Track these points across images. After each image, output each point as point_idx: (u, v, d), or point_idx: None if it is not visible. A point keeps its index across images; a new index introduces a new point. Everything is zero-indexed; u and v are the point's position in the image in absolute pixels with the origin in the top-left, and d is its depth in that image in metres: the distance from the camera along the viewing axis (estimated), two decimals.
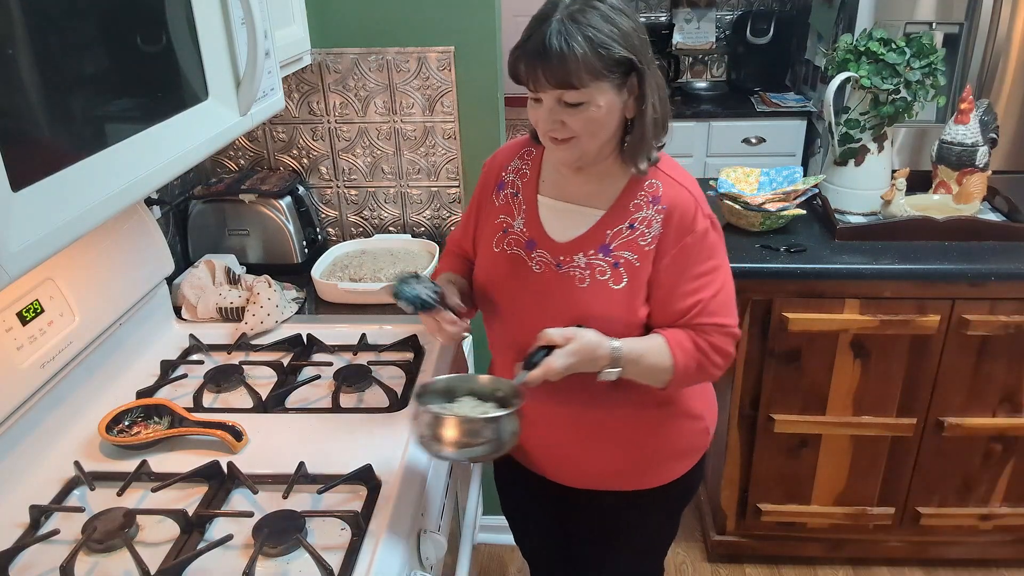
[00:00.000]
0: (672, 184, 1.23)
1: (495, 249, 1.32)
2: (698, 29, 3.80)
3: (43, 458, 1.25)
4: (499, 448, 1.13)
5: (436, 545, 1.21)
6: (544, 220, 1.28)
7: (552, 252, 1.26)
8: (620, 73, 1.11)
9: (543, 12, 1.11)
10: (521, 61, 1.11)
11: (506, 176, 1.35)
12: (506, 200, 1.33)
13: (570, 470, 1.39)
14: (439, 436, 1.11)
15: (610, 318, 1.22)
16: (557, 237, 1.26)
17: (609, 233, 1.23)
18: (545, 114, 1.14)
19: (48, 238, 0.82)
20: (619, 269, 1.22)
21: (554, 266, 1.25)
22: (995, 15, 2.66)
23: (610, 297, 1.22)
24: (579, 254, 1.24)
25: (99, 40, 0.93)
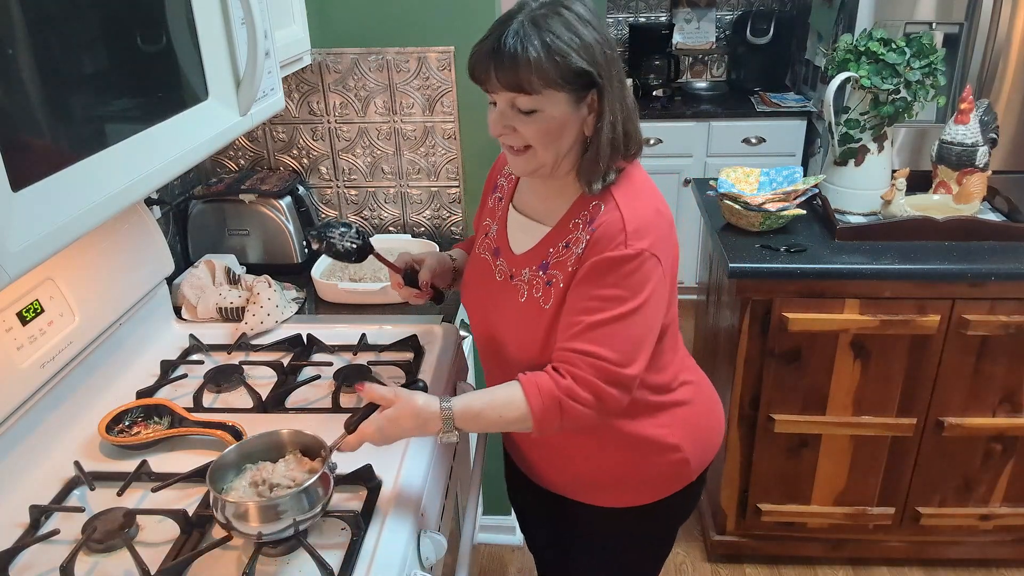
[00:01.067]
0: (613, 209, 1.14)
1: (476, 250, 1.35)
2: (698, 29, 3.80)
3: (43, 458, 1.25)
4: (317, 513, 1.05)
5: (436, 545, 1.21)
6: (510, 230, 1.29)
7: (509, 263, 1.26)
8: (578, 86, 1.07)
9: (508, 13, 1.09)
10: (476, 59, 1.09)
11: (500, 180, 1.35)
12: (493, 204, 1.35)
13: (550, 475, 1.39)
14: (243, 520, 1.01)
15: (534, 338, 1.20)
16: (516, 249, 1.26)
17: (551, 250, 1.20)
18: (496, 117, 1.11)
19: (48, 238, 0.82)
20: (550, 288, 1.18)
21: (508, 277, 1.25)
22: (995, 15, 2.66)
23: (538, 316, 1.19)
24: (526, 268, 1.22)
25: (99, 40, 0.93)
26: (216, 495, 1.01)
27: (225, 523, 1.01)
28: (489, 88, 1.10)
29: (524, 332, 1.22)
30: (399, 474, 1.23)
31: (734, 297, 1.96)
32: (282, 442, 1.14)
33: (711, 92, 3.79)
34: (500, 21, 1.08)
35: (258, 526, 1.00)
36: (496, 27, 1.08)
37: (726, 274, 1.91)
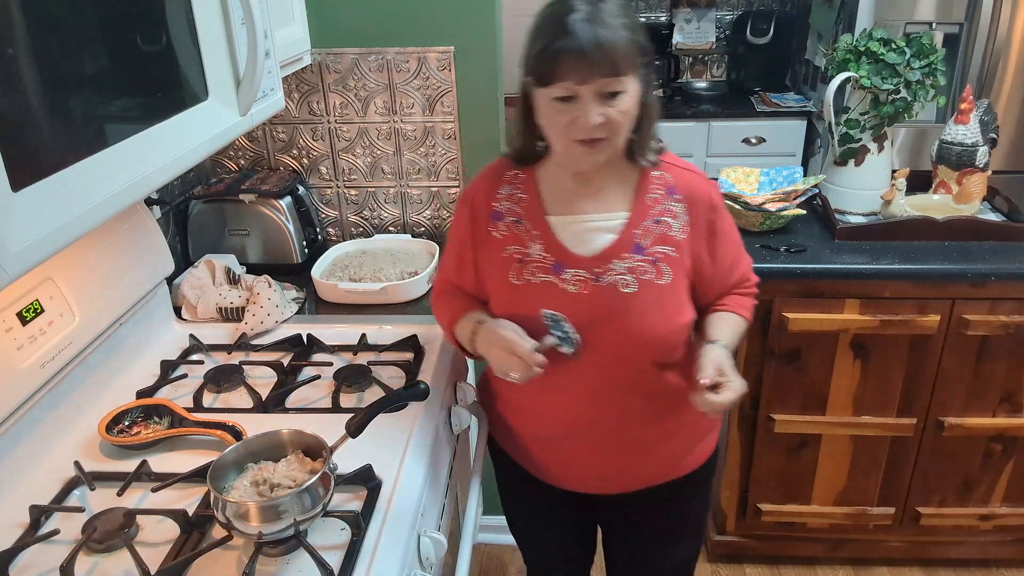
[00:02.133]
0: (678, 171, 1.25)
1: (515, 282, 1.26)
2: (698, 29, 3.80)
3: (43, 458, 1.25)
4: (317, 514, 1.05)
5: (436, 545, 1.21)
6: (564, 240, 1.24)
7: (587, 268, 1.23)
8: (642, 62, 1.12)
9: (562, 8, 1.08)
10: (563, 56, 1.07)
11: (498, 205, 1.28)
12: (509, 230, 1.27)
13: (610, 478, 1.38)
14: (244, 520, 1.01)
15: (664, 315, 1.23)
16: (585, 253, 1.23)
17: (637, 233, 1.22)
18: (590, 110, 1.10)
19: (48, 238, 0.82)
20: (659, 265, 1.22)
21: (593, 280, 1.22)
22: (995, 15, 2.66)
23: (660, 294, 1.22)
24: (614, 261, 1.22)
25: (99, 40, 0.93)
26: (216, 495, 1.01)
27: (226, 523, 1.01)
28: (582, 81, 1.08)
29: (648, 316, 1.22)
30: (399, 474, 1.23)
31: None
32: (283, 442, 1.14)
33: (711, 92, 3.79)
34: (560, 14, 1.08)
35: (258, 526, 1.00)
36: (564, 23, 1.07)
37: None
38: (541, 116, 1.16)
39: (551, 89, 1.10)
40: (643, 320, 1.22)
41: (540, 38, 1.10)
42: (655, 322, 1.22)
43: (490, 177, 1.32)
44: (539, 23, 1.12)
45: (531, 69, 1.13)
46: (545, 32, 1.10)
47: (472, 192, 1.32)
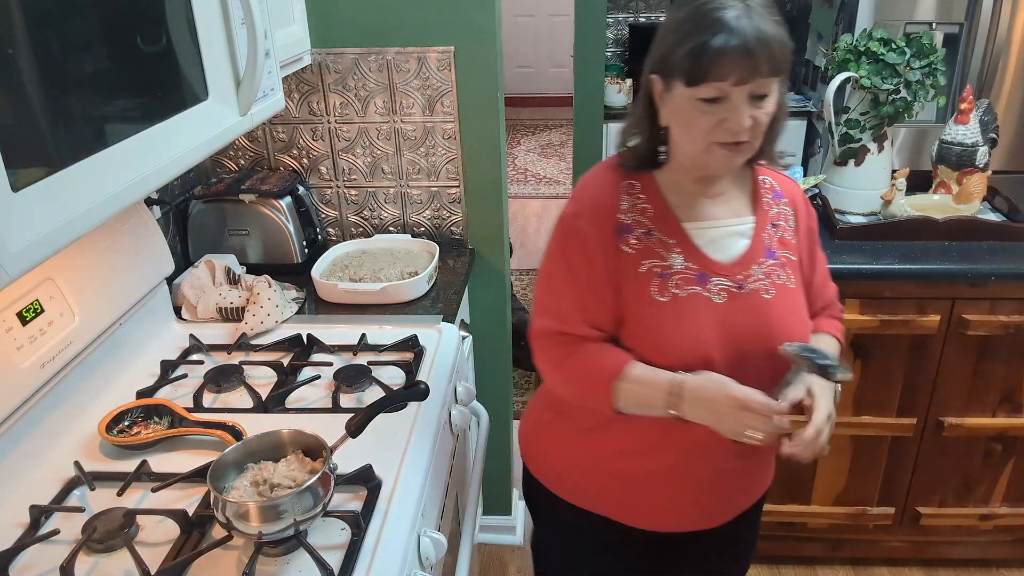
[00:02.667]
0: (774, 174, 1.26)
1: (660, 298, 1.14)
2: None
3: (43, 458, 1.25)
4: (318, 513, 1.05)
5: (436, 545, 1.21)
6: (703, 248, 1.17)
7: (729, 275, 1.17)
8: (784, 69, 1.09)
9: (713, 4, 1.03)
10: (727, 54, 1.01)
11: (624, 218, 1.16)
12: (640, 243, 1.16)
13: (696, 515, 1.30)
14: (244, 520, 1.01)
15: (800, 321, 1.21)
16: (722, 258, 1.18)
17: (765, 237, 1.21)
18: (742, 112, 1.05)
19: (48, 238, 0.82)
20: (787, 269, 1.21)
21: (736, 288, 1.16)
22: (995, 15, 2.66)
23: (794, 299, 1.21)
24: (753, 266, 1.18)
25: (99, 40, 0.93)
26: (216, 495, 1.01)
27: (226, 523, 1.01)
28: (739, 81, 1.03)
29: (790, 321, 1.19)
30: (399, 474, 1.23)
31: None
32: (283, 442, 1.14)
33: None
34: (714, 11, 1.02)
35: (258, 526, 1.00)
36: (722, 20, 1.01)
37: None
38: (677, 117, 1.10)
39: (700, 89, 1.04)
40: (785, 327, 1.17)
41: (692, 36, 1.03)
42: (795, 329, 1.19)
43: (605, 188, 1.18)
44: (686, 20, 1.05)
45: (678, 68, 1.05)
46: (698, 29, 1.02)
47: (587, 208, 1.18)
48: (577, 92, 3.31)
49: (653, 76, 1.12)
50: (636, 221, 1.16)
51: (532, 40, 6.91)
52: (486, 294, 2.10)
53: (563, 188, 5.41)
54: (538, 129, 6.72)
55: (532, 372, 3.28)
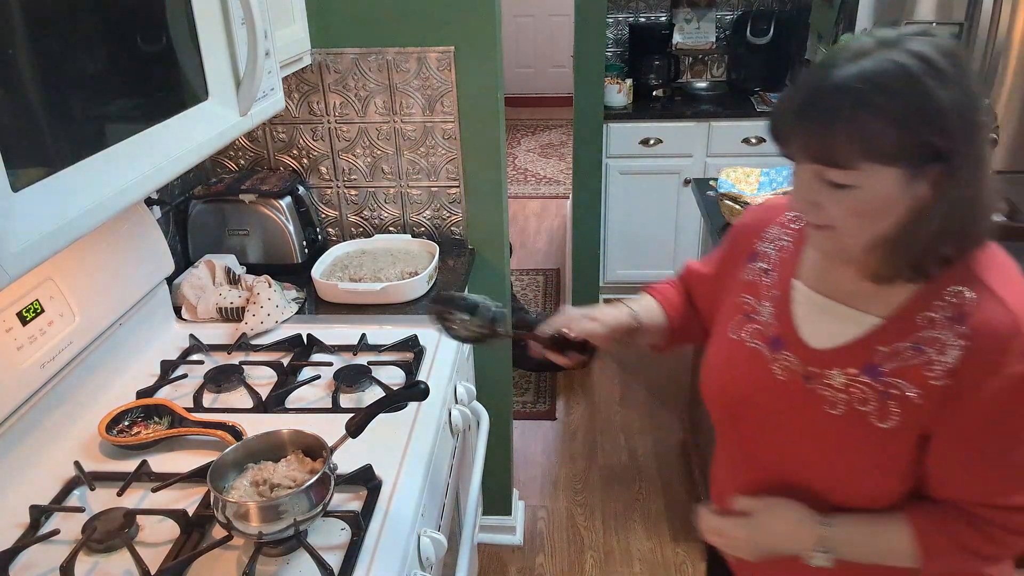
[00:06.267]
0: (990, 298, 0.86)
1: (731, 335, 1.05)
2: (698, 29, 3.80)
3: (43, 458, 1.25)
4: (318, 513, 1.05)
5: (436, 545, 1.21)
6: (797, 315, 0.98)
7: (803, 359, 0.96)
8: (917, 159, 0.81)
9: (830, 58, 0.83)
10: (780, 114, 0.86)
11: (761, 247, 1.06)
12: (755, 276, 1.05)
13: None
14: (244, 520, 1.01)
15: (853, 466, 0.93)
16: (811, 341, 0.96)
17: (883, 350, 0.91)
18: (800, 189, 0.87)
19: (48, 238, 0.82)
20: (888, 403, 0.90)
21: (801, 378, 0.96)
22: (995, 15, 2.66)
23: (869, 437, 0.91)
24: (835, 370, 0.93)
25: (99, 40, 0.94)
26: (217, 495, 1.01)
27: (226, 523, 1.01)
28: (790, 154, 0.86)
29: (835, 455, 0.94)
30: (399, 474, 1.23)
31: None
32: (283, 442, 1.14)
33: (711, 92, 3.79)
34: (821, 66, 0.83)
35: (258, 526, 1.00)
36: (814, 74, 0.83)
37: None
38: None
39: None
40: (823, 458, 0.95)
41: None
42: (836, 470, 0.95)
43: (767, 211, 1.10)
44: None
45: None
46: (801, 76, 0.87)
47: (743, 223, 1.13)
48: (577, 92, 3.31)
49: None
50: (766, 253, 1.06)
51: (532, 40, 6.91)
52: (486, 294, 2.09)
53: (563, 188, 5.41)
54: (538, 129, 6.73)
55: (532, 372, 3.28)
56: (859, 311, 0.94)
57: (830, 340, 0.95)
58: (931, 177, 0.82)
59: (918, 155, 0.81)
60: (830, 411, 0.93)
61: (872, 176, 0.81)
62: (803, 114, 0.83)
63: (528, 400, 3.14)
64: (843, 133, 0.80)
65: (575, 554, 2.39)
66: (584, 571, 2.33)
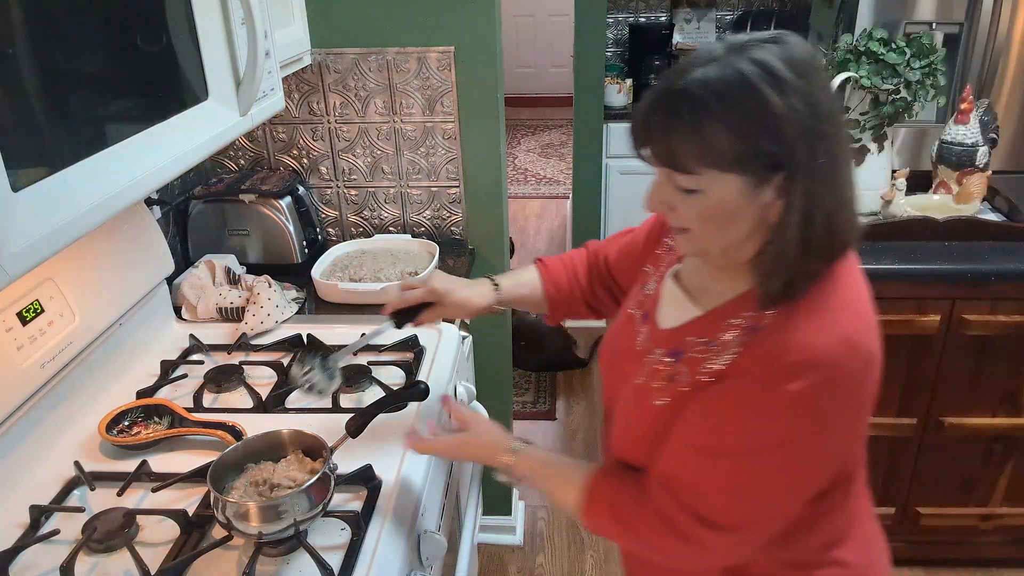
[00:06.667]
0: (782, 324, 0.86)
1: (628, 307, 1.11)
2: (698, 29, 3.80)
3: (43, 458, 1.25)
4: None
5: (436, 545, 1.21)
6: (662, 297, 1.04)
7: (650, 335, 1.02)
8: (757, 167, 0.81)
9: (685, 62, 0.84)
10: (633, 121, 0.87)
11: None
12: (662, 250, 1.10)
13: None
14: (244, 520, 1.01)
15: (635, 435, 1.00)
16: (661, 322, 1.01)
17: (689, 340, 0.95)
18: (653, 191, 0.89)
19: (48, 238, 0.82)
20: (671, 385, 0.94)
21: (644, 352, 1.01)
22: (995, 15, 2.66)
23: (644, 410, 0.97)
24: (660, 349, 0.98)
25: (99, 40, 0.94)
26: (216, 495, 1.01)
27: (226, 523, 1.01)
28: (644, 158, 0.87)
29: (629, 422, 1.01)
30: (399, 474, 1.23)
31: None
32: (283, 442, 1.14)
33: None
34: (675, 71, 0.84)
35: (258, 526, 1.00)
36: (666, 78, 0.84)
37: None
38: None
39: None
40: (624, 423, 1.03)
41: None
42: (628, 436, 1.02)
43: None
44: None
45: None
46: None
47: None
48: (577, 92, 3.32)
49: None
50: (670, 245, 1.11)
51: (532, 40, 6.91)
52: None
53: (563, 188, 5.41)
54: (538, 129, 6.73)
55: (532, 372, 3.28)
56: (691, 301, 0.98)
57: (668, 323, 1.00)
58: (776, 186, 0.82)
59: (756, 163, 0.81)
60: (636, 380, 1.00)
61: (715, 182, 0.82)
62: (650, 119, 0.84)
63: (528, 400, 3.14)
64: (683, 138, 0.81)
65: (575, 554, 2.39)
66: (584, 571, 2.33)
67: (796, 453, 0.86)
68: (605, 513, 0.98)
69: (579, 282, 1.29)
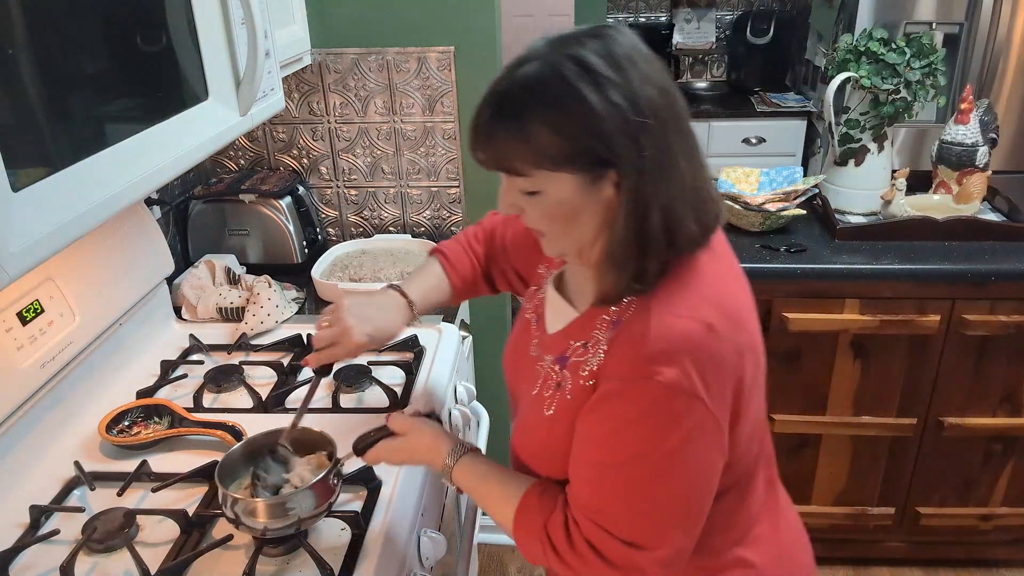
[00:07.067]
0: (641, 313, 0.85)
1: (525, 303, 1.10)
2: (698, 29, 3.80)
3: (43, 458, 1.25)
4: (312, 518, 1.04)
5: (436, 545, 1.21)
6: (547, 302, 1.03)
7: (540, 341, 1.01)
8: (586, 165, 0.80)
9: (512, 63, 0.83)
10: (471, 126, 0.85)
11: None
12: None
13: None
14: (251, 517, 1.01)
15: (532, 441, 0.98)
16: (548, 326, 1.01)
17: (572, 344, 0.93)
18: (501, 194, 0.88)
19: (48, 238, 0.82)
20: (557, 393, 0.92)
21: (537, 357, 1.00)
22: (995, 15, 2.66)
23: (537, 419, 0.95)
24: (548, 355, 0.96)
25: (99, 40, 0.94)
26: (224, 491, 1.01)
27: (234, 518, 1.01)
28: (482, 163, 0.86)
29: (526, 431, 1.00)
30: (399, 474, 1.22)
31: None
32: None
33: (711, 92, 3.79)
34: (505, 70, 0.84)
35: (264, 522, 1.00)
36: (497, 79, 0.84)
37: None
38: None
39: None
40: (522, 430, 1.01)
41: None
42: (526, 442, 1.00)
43: None
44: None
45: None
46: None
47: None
48: None
49: None
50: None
51: (532, 40, 6.91)
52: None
53: None
54: None
55: None
56: (570, 305, 0.97)
57: (552, 327, 0.99)
58: (612, 181, 0.81)
59: (584, 161, 0.80)
60: (530, 391, 0.97)
61: (549, 182, 0.82)
62: (479, 122, 0.83)
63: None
64: (509, 141, 0.80)
65: None
66: None
67: (686, 447, 0.82)
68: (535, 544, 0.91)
69: (480, 264, 1.27)
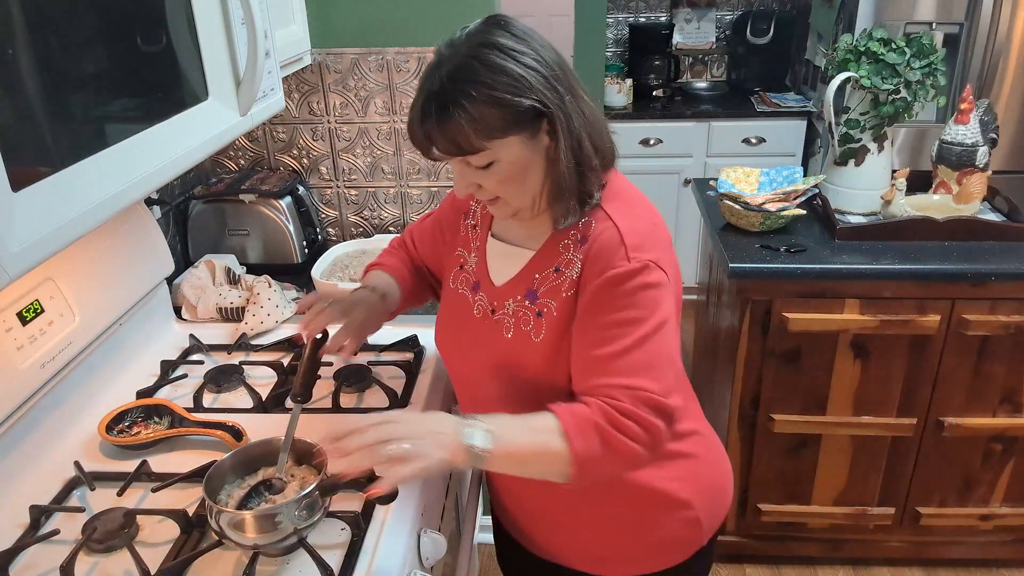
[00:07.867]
0: (604, 220, 1.04)
1: (451, 285, 1.22)
2: (698, 29, 3.80)
3: (43, 458, 1.25)
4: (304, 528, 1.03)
5: (436, 545, 1.21)
6: (490, 260, 1.16)
7: (489, 296, 1.14)
8: (526, 122, 0.97)
9: (427, 70, 0.98)
10: (411, 130, 0.99)
11: (473, 205, 1.24)
12: (466, 232, 1.23)
13: (553, 547, 1.26)
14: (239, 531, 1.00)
15: (534, 377, 1.08)
16: (496, 280, 1.14)
17: (537, 277, 1.09)
18: (458, 178, 1.03)
19: (48, 238, 0.82)
20: (541, 319, 1.07)
21: (489, 312, 1.13)
22: (995, 15, 2.66)
23: (532, 351, 1.07)
24: (510, 300, 1.11)
25: (99, 40, 0.93)
26: (211, 503, 1.00)
27: (219, 531, 1.00)
28: (434, 157, 1.00)
29: (514, 371, 1.10)
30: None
31: (734, 297, 1.96)
32: (279, 449, 1.13)
33: (711, 92, 3.79)
34: (424, 78, 0.98)
35: (254, 537, 1.00)
36: (420, 89, 0.98)
37: (726, 274, 1.91)
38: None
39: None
40: (512, 373, 1.09)
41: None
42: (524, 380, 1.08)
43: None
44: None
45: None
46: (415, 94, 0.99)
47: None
48: None
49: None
50: (475, 212, 1.23)
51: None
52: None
53: None
54: None
55: None
56: (523, 248, 1.12)
57: (505, 276, 1.13)
58: (545, 130, 0.99)
59: (524, 119, 0.96)
60: (505, 335, 1.10)
61: (502, 148, 0.97)
62: (426, 124, 0.96)
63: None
64: (460, 128, 0.94)
65: None
66: None
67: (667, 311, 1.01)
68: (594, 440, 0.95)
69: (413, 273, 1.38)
